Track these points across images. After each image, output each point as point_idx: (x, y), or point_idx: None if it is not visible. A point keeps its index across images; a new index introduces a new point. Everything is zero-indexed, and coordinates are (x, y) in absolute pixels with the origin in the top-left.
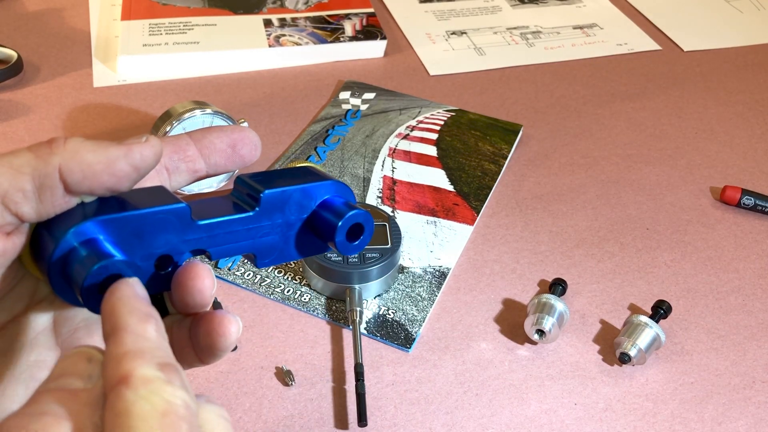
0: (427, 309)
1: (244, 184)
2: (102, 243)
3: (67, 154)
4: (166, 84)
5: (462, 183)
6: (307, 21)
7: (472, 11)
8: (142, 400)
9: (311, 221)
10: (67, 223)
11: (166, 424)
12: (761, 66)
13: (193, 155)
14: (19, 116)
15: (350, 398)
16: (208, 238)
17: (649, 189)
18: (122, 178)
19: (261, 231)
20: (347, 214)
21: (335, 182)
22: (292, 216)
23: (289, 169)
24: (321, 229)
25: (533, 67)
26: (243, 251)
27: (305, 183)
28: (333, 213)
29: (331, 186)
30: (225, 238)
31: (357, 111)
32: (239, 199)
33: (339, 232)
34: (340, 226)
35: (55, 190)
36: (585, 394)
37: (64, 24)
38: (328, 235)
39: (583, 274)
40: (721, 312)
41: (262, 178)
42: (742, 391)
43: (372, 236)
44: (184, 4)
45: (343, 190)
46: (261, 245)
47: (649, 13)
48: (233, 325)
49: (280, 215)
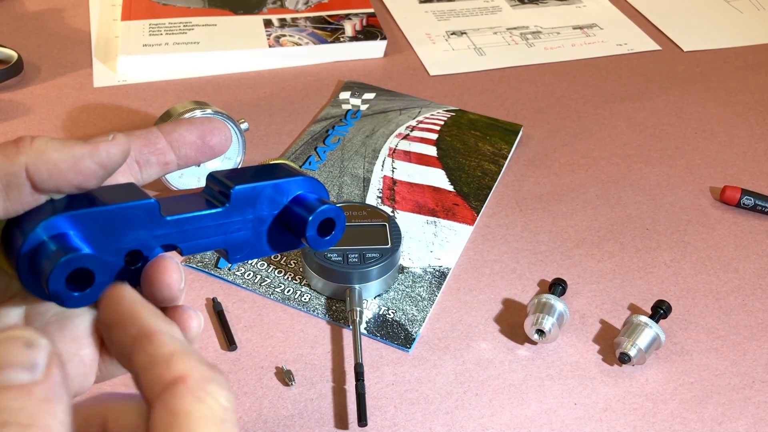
0: (427, 309)
1: (216, 181)
2: (71, 237)
3: (33, 153)
4: (166, 84)
5: (462, 183)
6: (307, 21)
7: (472, 11)
8: (202, 403)
9: (283, 217)
10: (36, 218)
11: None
12: (761, 66)
13: (163, 148)
14: (19, 116)
15: (350, 398)
16: (177, 233)
17: (649, 189)
18: (89, 176)
19: (232, 227)
20: (318, 209)
21: (307, 178)
22: (264, 212)
23: (262, 166)
24: (292, 224)
25: (533, 67)
26: (214, 247)
27: (277, 179)
28: (304, 208)
29: (303, 182)
30: (195, 233)
31: (357, 111)
32: (210, 195)
33: (310, 226)
34: (310, 221)
35: (22, 188)
36: (585, 394)
37: (64, 24)
38: (299, 230)
39: (583, 274)
40: (721, 312)
41: (234, 174)
42: (741, 391)
43: (344, 231)
44: (184, 4)
45: (315, 186)
46: (232, 241)
47: (649, 13)
48: (194, 321)
49: (251, 211)
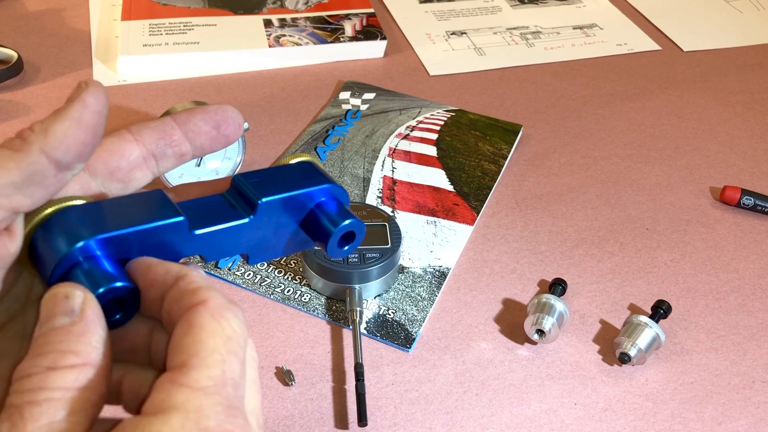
0: (427, 309)
1: (242, 185)
2: (103, 262)
3: (40, 135)
4: (166, 84)
5: (462, 183)
6: (307, 21)
7: (472, 11)
8: (215, 322)
9: (306, 222)
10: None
11: (229, 346)
12: (761, 66)
13: (179, 139)
14: (19, 116)
15: (350, 398)
16: (204, 245)
17: (649, 189)
18: (95, 127)
19: (256, 234)
20: (342, 223)
21: (332, 186)
22: (288, 218)
23: (287, 167)
24: (315, 231)
25: (533, 67)
26: (237, 252)
27: (302, 188)
28: (329, 219)
29: (328, 190)
30: (220, 242)
31: (357, 111)
32: (235, 201)
33: (333, 238)
34: (335, 233)
35: (46, 172)
36: (585, 394)
37: (64, 24)
38: (321, 239)
39: (583, 274)
40: (721, 312)
41: (259, 179)
42: (741, 391)
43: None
44: (184, 4)
45: (339, 193)
46: (255, 246)
47: (649, 13)
48: None
49: (276, 219)
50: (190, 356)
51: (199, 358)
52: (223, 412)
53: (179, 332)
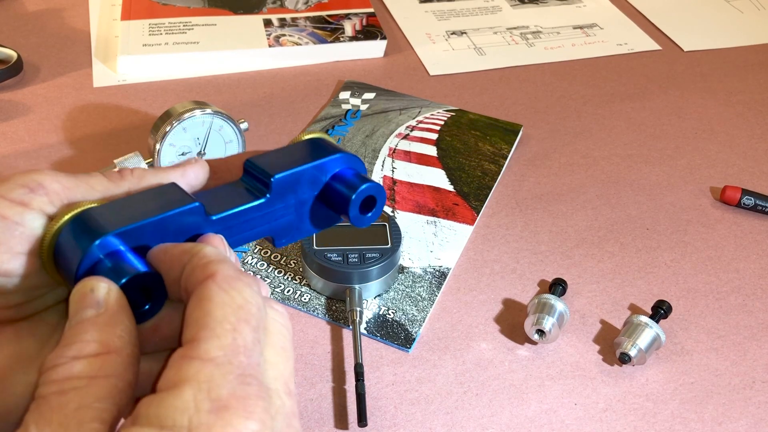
0: (427, 309)
1: (254, 168)
2: (125, 255)
3: (135, 179)
4: (166, 84)
5: (462, 183)
6: (307, 21)
7: (472, 11)
8: (224, 292)
9: (324, 195)
10: (86, 233)
11: (239, 315)
12: (761, 66)
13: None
14: (19, 116)
15: (350, 398)
16: (223, 229)
17: (649, 189)
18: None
19: (276, 214)
20: (360, 187)
21: (345, 155)
22: (305, 194)
23: (297, 145)
24: (334, 202)
25: (533, 67)
26: (260, 236)
27: (314, 160)
28: (346, 186)
29: (342, 159)
30: (241, 227)
31: (357, 111)
32: (249, 185)
33: (353, 205)
34: (353, 200)
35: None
36: (585, 394)
37: (64, 24)
38: (341, 209)
39: (583, 274)
40: (722, 312)
41: (270, 159)
42: (742, 391)
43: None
44: (184, 4)
45: (353, 161)
46: (277, 227)
47: (649, 13)
48: None
49: (293, 195)
50: (199, 329)
51: (208, 330)
52: (236, 380)
53: (190, 308)
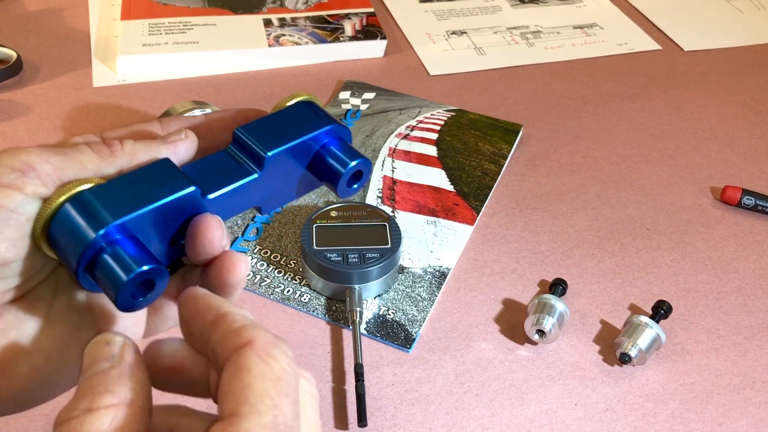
0: (427, 309)
1: (244, 139)
2: (126, 245)
3: (127, 157)
4: (165, 84)
5: (462, 183)
6: (307, 21)
7: (472, 11)
8: (263, 363)
9: (313, 165)
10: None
11: (279, 387)
12: (761, 66)
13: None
14: (18, 116)
15: (350, 398)
16: (217, 207)
17: (649, 189)
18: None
19: (266, 186)
20: (350, 163)
21: (334, 126)
22: (295, 165)
23: (286, 112)
24: (323, 173)
25: (533, 67)
26: (249, 207)
27: (306, 134)
28: (336, 160)
29: (332, 130)
30: (233, 201)
31: (357, 111)
32: (240, 156)
33: (342, 179)
34: (344, 174)
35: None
36: (585, 395)
37: (64, 24)
38: (330, 180)
39: (583, 274)
40: (722, 312)
41: (261, 132)
42: (742, 391)
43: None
44: (184, 4)
45: (342, 132)
46: (265, 196)
47: (649, 13)
48: (242, 262)
49: (284, 168)
50: (239, 404)
51: (248, 405)
52: None
53: (227, 377)
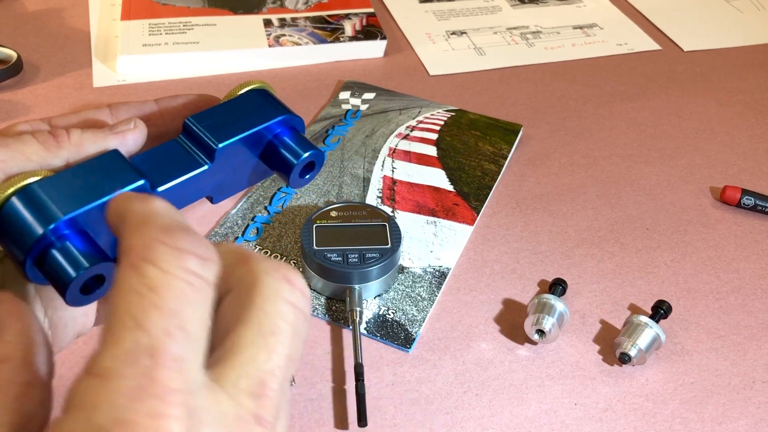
0: (427, 309)
1: (195, 129)
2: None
3: (73, 148)
4: (166, 84)
5: (462, 183)
6: (307, 21)
7: (472, 11)
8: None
9: (265, 155)
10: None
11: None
12: (761, 66)
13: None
14: (19, 116)
15: (350, 398)
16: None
17: (649, 189)
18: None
19: (217, 176)
20: (302, 155)
21: (286, 117)
22: (247, 155)
23: (238, 100)
24: (276, 163)
25: (533, 67)
26: (200, 197)
27: (258, 124)
28: (289, 151)
29: (283, 121)
30: (183, 192)
31: (357, 111)
32: (190, 147)
33: (295, 170)
34: (296, 165)
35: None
36: (585, 395)
37: (64, 24)
38: (282, 170)
39: (583, 274)
40: (722, 312)
41: (212, 122)
42: (742, 391)
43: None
44: (184, 4)
45: (295, 122)
46: (216, 186)
47: (649, 13)
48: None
49: (235, 158)
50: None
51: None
52: None
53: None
